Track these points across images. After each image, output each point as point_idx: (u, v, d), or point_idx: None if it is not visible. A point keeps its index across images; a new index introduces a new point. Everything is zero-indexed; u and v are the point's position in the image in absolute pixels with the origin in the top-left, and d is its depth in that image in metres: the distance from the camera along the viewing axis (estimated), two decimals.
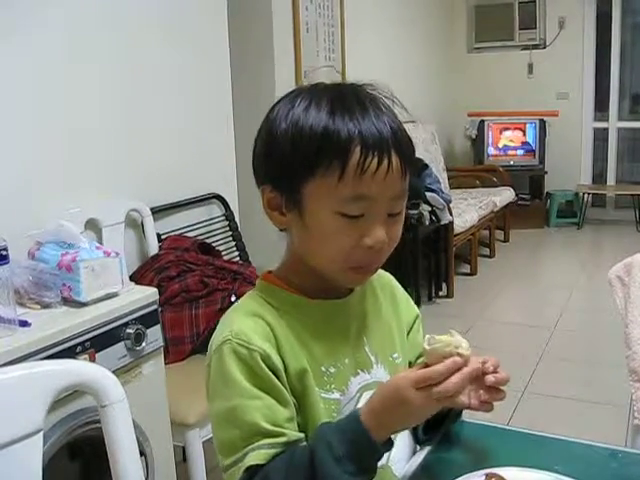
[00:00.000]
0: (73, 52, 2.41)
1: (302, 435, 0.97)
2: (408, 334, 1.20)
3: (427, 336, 0.96)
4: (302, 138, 0.96)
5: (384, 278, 1.22)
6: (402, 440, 1.12)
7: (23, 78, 2.22)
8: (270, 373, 0.96)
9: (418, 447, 1.16)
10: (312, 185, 0.97)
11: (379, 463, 0.95)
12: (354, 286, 1.09)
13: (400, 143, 0.97)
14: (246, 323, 1.00)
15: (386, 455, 1.03)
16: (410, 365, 1.18)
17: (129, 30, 2.65)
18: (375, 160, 0.94)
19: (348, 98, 0.99)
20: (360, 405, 1.04)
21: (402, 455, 1.12)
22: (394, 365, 1.13)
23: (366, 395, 1.05)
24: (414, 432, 1.15)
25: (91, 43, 2.48)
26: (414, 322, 1.22)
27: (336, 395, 1.03)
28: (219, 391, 0.98)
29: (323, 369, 1.03)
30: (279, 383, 0.97)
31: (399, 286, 1.25)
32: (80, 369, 1.15)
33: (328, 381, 1.03)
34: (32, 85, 2.25)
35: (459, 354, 0.92)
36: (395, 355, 1.14)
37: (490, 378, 0.94)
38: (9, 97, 2.17)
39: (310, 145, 0.96)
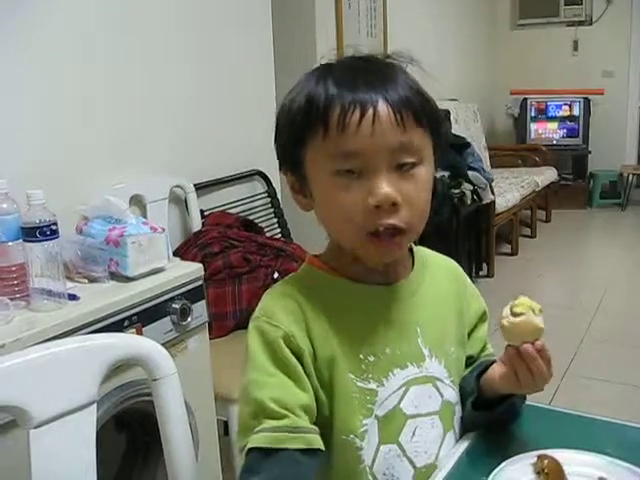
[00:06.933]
0: (117, 29, 2.41)
1: (311, 426, 0.93)
2: (472, 330, 1.15)
3: (507, 307, 1.04)
4: (292, 110, 0.96)
5: (451, 265, 1.17)
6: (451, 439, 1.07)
7: (68, 58, 2.23)
8: (290, 354, 0.94)
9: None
10: (308, 155, 0.95)
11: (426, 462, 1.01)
12: (379, 263, 1.00)
13: (390, 91, 0.91)
14: (277, 302, 0.99)
15: (434, 454, 1.03)
16: (472, 359, 1.15)
17: (173, 3, 2.66)
18: (357, 113, 0.89)
19: (343, 65, 0.97)
20: (405, 400, 1.00)
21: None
22: (451, 359, 1.08)
23: (414, 390, 1.01)
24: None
25: (137, 17, 2.49)
26: (480, 318, 1.16)
27: (373, 385, 0.98)
28: (245, 368, 0.96)
29: (361, 356, 0.98)
30: (300, 367, 0.94)
31: (467, 277, 1.18)
32: (134, 342, 1.17)
33: (366, 369, 0.98)
34: (78, 64, 2.26)
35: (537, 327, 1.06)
36: (452, 349, 1.08)
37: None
38: (55, 77, 2.18)
39: (297, 115, 0.95)
